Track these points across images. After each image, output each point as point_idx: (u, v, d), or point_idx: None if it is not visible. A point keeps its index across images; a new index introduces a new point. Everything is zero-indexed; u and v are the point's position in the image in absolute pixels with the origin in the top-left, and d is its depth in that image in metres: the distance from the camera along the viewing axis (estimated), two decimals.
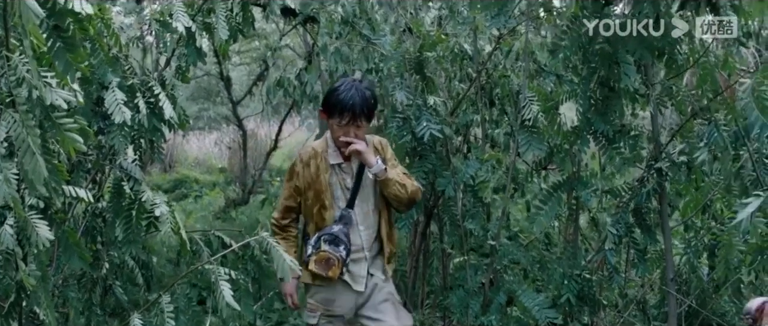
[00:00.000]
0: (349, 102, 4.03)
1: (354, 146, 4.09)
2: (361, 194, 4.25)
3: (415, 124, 5.04)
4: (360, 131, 4.11)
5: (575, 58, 4.83)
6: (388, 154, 4.32)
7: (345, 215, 4.21)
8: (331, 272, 4.12)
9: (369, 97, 4.10)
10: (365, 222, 4.26)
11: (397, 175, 4.17)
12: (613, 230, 4.91)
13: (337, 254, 4.12)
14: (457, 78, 5.56)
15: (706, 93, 4.82)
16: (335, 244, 4.15)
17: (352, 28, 5.62)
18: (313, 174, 4.24)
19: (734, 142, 4.83)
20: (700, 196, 5.19)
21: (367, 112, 4.10)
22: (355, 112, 4.04)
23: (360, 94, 4.06)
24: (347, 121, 4.05)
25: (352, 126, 4.07)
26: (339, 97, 4.07)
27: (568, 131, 4.92)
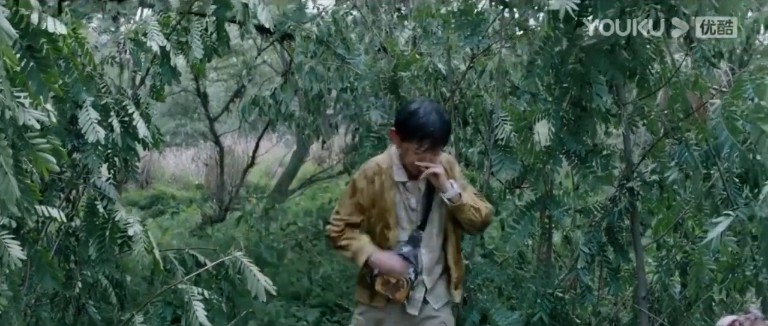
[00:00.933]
0: (431, 128, 3.86)
1: (432, 169, 3.94)
2: (431, 216, 4.13)
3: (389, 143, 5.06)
4: (436, 156, 3.98)
5: (548, 78, 4.87)
6: (456, 173, 4.17)
7: (415, 236, 4.08)
8: (399, 294, 4.03)
9: (448, 121, 3.99)
10: (428, 245, 4.12)
11: (471, 199, 4.04)
12: (586, 249, 4.95)
13: (406, 276, 4.00)
14: (431, 97, 5.59)
15: (677, 113, 4.88)
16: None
17: (327, 48, 5.65)
18: (378, 191, 4.09)
19: (705, 161, 4.88)
20: (672, 215, 5.24)
21: (446, 137, 4.01)
22: (435, 137, 3.90)
23: (440, 119, 3.90)
24: (427, 147, 3.90)
25: (429, 152, 3.93)
26: (419, 122, 3.88)
27: (541, 150, 4.97)
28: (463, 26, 4.97)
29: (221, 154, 14.11)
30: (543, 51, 4.76)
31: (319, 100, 6.05)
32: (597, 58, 4.75)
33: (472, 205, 4.00)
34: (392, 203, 4.07)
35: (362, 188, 4.11)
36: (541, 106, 4.99)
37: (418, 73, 5.42)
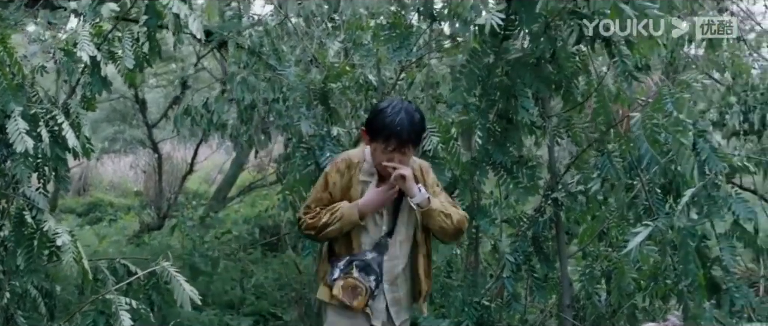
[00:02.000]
0: (397, 127, 3.68)
1: (399, 171, 3.73)
2: (399, 221, 3.92)
3: (319, 153, 5.11)
4: (405, 157, 3.77)
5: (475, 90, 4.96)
6: (430, 179, 3.98)
7: (382, 243, 3.87)
8: (357, 302, 3.79)
9: (418, 121, 3.77)
10: (391, 253, 3.89)
11: (441, 205, 3.83)
12: (512, 258, 5.06)
13: (367, 284, 3.78)
14: (362, 108, 5.65)
15: (600, 125, 5.00)
16: (366, 273, 3.80)
17: (259, 58, 5.68)
18: (346, 186, 3.88)
19: (628, 172, 5.03)
20: (597, 225, 5.36)
21: (414, 137, 3.78)
22: (402, 138, 3.70)
23: (409, 118, 3.71)
24: (393, 147, 3.72)
25: (397, 153, 3.74)
26: (385, 121, 3.70)
27: (468, 161, 5.06)
28: (392, 39, 5.04)
29: (159, 161, 14.04)
30: (470, 64, 4.85)
31: (252, 110, 6.08)
32: (523, 71, 4.87)
33: (442, 211, 3.79)
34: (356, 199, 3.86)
35: (335, 181, 3.89)
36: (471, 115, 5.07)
37: (349, 84, 5.47)
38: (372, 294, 3.81)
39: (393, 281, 3.91)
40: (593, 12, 4.72)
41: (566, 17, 4.88)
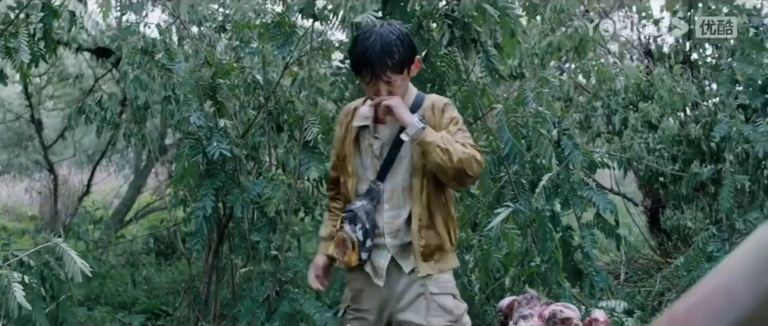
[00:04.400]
0: (366, 54, 3.28)
1: (385, 101, 3.32)
2: (397, 165, 3.44)
3: (206, 143, 5.38)
4: (392, 86, 3.34)
5: (352, 86, 5.34)
6: (445, 117, 3.43)
7: (373, 188, 3.43)
8: (347, 257, 3.40)
9: (393, 42, 3.30)
10: (391, 200, 3.44)
11: (440, 139, 3.26)
12: None
13: (354, 235, 3.37)
14: (250, 106, 5.95)
15: (468, 118, 5.43)
16: (353, 223, 3.39)
17: (151, 58, 5.94)
18: (342, 137, 3.59)
19: (498, 164, 5.46)
20: (467, 213, 5.75)
21: (392, 62, 3.29)
22: (374, 67, 3.28)
23: (381, 41, 3.27)
24: (370, 79, 3.32)
25: (380, 82, 3.31)
26: (357, 52, 3.34)
27: None
28: (276, 37, 5.38)
29: (55, 183, 13.99)
30: (347, 61, 5.23)
31: (145, 110, 6.32)
32: None
33: (438, 145, 3.22)
34: (351, 148, 3.52)
35: (337, 134, 3.66)
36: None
37: (238, 84, 5.78)
38: (362, 247, 3.39)
39: (395, 233, 3.44)
40: (462, 15, 5.17)
41: (438, 19, 5.32)
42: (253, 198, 5.45)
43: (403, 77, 3.38)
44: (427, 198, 3.40)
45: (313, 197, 5.90)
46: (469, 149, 3.29)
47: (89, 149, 17.72)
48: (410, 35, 3.52)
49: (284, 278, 5.44)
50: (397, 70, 3.32)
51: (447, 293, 3.48)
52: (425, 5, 5.27)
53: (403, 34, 3.39)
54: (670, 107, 6.58)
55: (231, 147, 5.38)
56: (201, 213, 5.28)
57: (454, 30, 5.26)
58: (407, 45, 3.37)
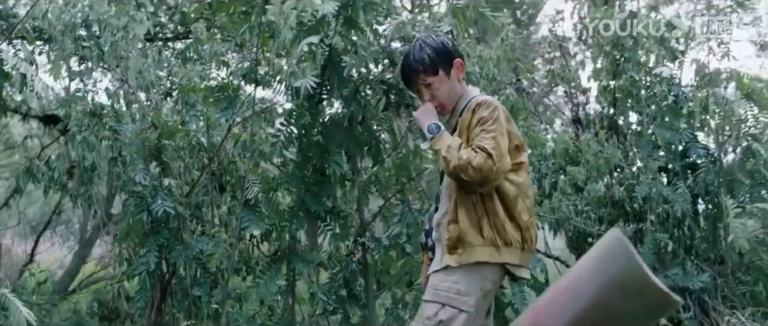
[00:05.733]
0: (402, 66, 3.74)
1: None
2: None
3: (151, 201, 5.58)
4: (433, 89, 3.62)
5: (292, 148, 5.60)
6: (476, 117, 3.45)
7: (437, 193, 3.75)
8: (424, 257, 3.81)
9: (422, 47, 3.65)
10: (440, 200, 3.67)
11: (446, 149, 3.42)
12: (324, 297, 5.62)
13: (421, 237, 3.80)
14: (194, 167, 6.16)
15: (402, 179, 5.72)
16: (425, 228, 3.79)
17: (99, 120, 6.14)
18: None
19: None
20: (402, 270, 6.00)
21: (423, 66, 3.61)
22: (404, 76, 3.74)
23: (412, 51, 3.67)
24: (410, 87, 3.79)
25: (420, 87, 3.66)
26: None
27: (285, 210, 5.65)
28: (219, 101, 5.64)
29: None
30: (288, 124, 5.51)
31: (93, 171, 6.48)
32: (336, 131, 5.54)
33: (444, 155, 3.42)
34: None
35: None
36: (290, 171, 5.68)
37: (182, 144, 6.00)
38: (425, 247, 3.76)
39: (437, 228, 3.65)
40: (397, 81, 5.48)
41: (374, 85, 5.63)
42: (196, 254, 5.64)
43: (440, 78, 3.61)
44: (455, 195, 3.52)
45: (254, 257, 6.08)
46: (469, 155, 3.33)
47: (33, 220, 17.63)
48: (446, 41, 3.76)
49: None
50: (431, 72, 3.60)
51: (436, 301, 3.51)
52: (362, 72, 5.57)
53: (434, 40, 3.69)
54: (596, 170, 6.91)
55: (175, 205, 5.60)
56: (145, 269, 5.46)
57: (390, 95, 5.56)
58: (439, 48, 3.65)
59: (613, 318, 1.77)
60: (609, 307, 1.76)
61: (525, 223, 3.52)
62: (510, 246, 3.51)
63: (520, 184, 3.53)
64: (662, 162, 6.69)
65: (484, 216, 3.49)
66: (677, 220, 6.50)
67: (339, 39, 5.20)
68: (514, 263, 3.53)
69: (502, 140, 3.37)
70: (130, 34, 6.14)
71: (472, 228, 3.49)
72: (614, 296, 1.74)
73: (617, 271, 1.73)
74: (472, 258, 3.48)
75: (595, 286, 1.76)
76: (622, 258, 1.73)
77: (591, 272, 1.80)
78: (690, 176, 6.72)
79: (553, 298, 1.86)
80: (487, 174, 3.32)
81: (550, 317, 1.81)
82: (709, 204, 6.65)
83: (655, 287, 1.72)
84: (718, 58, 6.85)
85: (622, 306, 1.75)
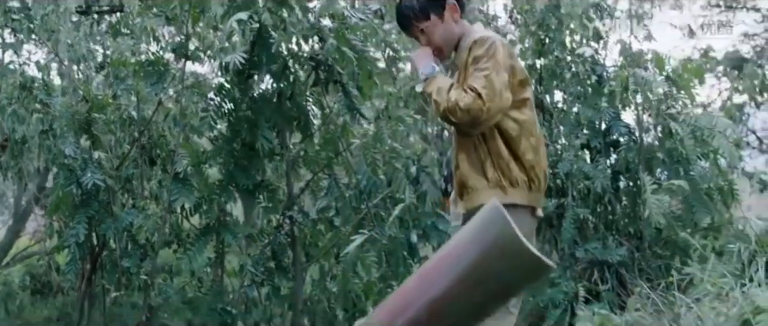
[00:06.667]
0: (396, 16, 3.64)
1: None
2: None
3: (80, 174, 5.62)
4: (427, 33, 3.50)
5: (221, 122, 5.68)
6: (472, 56, 3.32)
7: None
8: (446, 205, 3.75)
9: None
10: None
11: (436, 90, 3.32)
12: (252, 269, 5.73)
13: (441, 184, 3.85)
14: (125, 141, 6.21)
15: (329, 153, 5.84)
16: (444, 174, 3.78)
17: (29, 93, 6.15)
18: None
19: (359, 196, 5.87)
20: (329, 243, 6.13)
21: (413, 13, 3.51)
22: (401, 24, 3.63)
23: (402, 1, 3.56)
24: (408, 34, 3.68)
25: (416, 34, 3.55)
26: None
27: (214, 183, 5.74)
28: (150, 75, 5.69)
29: None
30: (218, 98, 5.60)
31: (23, 144, 6.48)
32: (265, 106, 5.65)
33: (432, 96, 3.34)
34: None
35: None
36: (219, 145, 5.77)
37: (113, 118, 6.05)
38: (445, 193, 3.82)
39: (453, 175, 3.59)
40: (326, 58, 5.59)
41: (303, 61, 5.74)
42: (126, 227, 5.71)
43: (433, 23, 3.47)
44: (457, 140, 3.48)
45: (185, 230, 6.14)
46: (458, 96, 3.23)
47: None
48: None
49: (155, 304, 5.67)
50: (422, 18, 3.46)
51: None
52: (291, 48, 5.67)
53: None
54: None
55: (105, 178, 5.65)
56: (74, 241, 5.52)
57: (319, 71, 5.67)
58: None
59: (493, 279, 1.92)
60: (488, 270, 1.90)
61: (529, 163, 3.42)
62: (516, 187, 3.41)
63: (523, 122, 3.40)
64: (585, 139, 6.86)
65: (487, 158, 3.41)
66: (598, 196, 6.70)
67: (268, 15, 5.28)
68: (523, 203, 3.43)
69: (496, 78, 3.24)
70: (61, 7, 6.16)
71: (473, 171, 3.42)
72: (492, 259, 1.89)
73: (494, 237, 1.88)
74: (477, 202, 3.36)
75: (475, 250, 1.91)
76: (499, 225, 1.88)
77: (472, 237, 1.94)
78: (612, 153, 6.92)
79: (440, 261, 2.01)
80: (477, 115, 3.21)
81: (437, 277, 1.95)
82: (630, 181, 6.86)
83: (528, 252, 1.86)
84: (640, 39, 7.08)
85: (500, 268, 1.90)
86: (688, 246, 5.88)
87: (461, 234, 2.01)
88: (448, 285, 1.93)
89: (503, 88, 3.24)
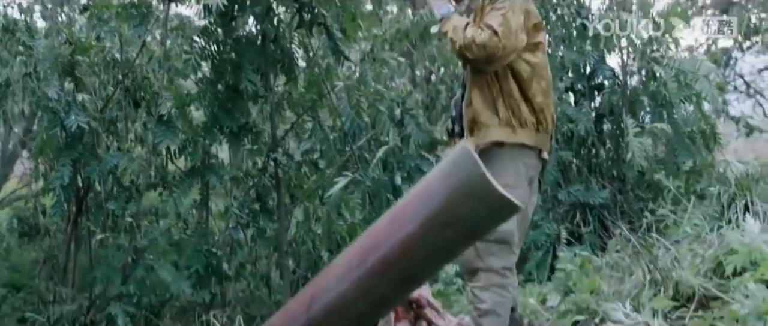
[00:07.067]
0: None
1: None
2: None
3: (64, 117, 5.61)
4: None
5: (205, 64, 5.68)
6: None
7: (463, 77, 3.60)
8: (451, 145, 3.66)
9: None
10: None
11: (452, 30, 3.37)
12: (237, 211, 5.77)
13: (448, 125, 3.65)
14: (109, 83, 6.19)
15: (312, 95, 5.85)
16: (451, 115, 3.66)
17: (12, 35, 6.12)
18: None
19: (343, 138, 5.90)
20: (314, 185, 6.17)
21: None
22: None
23: None
24: None
25: None
26: None
27: (198, 125, 5.75)
28: (133, 17, 5.67)
29: None
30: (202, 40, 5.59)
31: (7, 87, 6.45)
32: (249, 48, 5.64)
33: (449, 35, 3.38)
34: None
35: None
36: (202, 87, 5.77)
37: (96, 60, 6.03)
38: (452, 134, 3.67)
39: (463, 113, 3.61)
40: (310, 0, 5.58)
41: (287, 3, 5.72)
42: (111, 169, 5.71)
43: None
44: (470, 78, 3.47)
45: (170, 172, 6.15)
46: (474, 33, 3.25)
47: None
48: None
49: (140, 246, 5.70)
50: None
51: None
52: None
53: None
54: None
55: (89, 120, 5.65)
56: (59, 183, 5.53)
57: (303, 13, 5.66)
58: None
59: (461, 219, 1.95)
60: (456, 210, 1.93)
61: (539, 105, 3.44)
62: (525, 127, 3.43)
63: (535, 65, 3.42)
64: (569, 82, 6.87)
65: (499, 97, 3.43)
66: (581, 139, 6.73)
67: None
68: (530, 144, 3.44)
69: (512, 18, 3.26)
70: None
71: (486, 108, 3.45)
72: (460, 200, 1.92)
73: (462, 178, 1.91)
74: (488, 139, 3.42)
75: (443, 191, 1.93)
76: (468, 166, 1.90)
77: (441, 179, 1.97)
78: (596, 97, 6.94)
79: (410, 201, 2.04)
80: (493, 52, 3.24)
81: (407, 218, 1.98)
82: (613, 125, 6.88)
83: (495, 192, 1.89)
84: None
85: (468, 208, 1.93)
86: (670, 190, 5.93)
87: (431, 175, 2.04)
88: (418, 224, 1.96)
89: (519, 29, 3.26)
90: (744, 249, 3.01)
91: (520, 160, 3.45)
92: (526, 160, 3.44)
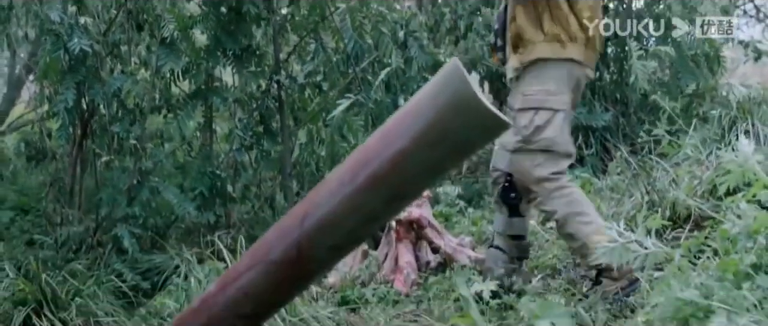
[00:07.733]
0: None
1: None
2: None
3: (67, 39, 5.62)
4: None
5: None
6: None
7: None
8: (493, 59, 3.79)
9: None
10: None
11: None
12: (241, 133, 5.81)
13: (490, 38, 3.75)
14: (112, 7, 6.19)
15: (315, 17, 5.84)
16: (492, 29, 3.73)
17: None
18: None
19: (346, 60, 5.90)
20: (317, 107, 6.19)
21: None
22: None
23: None
24: None
25: None
26: None
27: (201, 48, 5.75)
28: None
29: None
30: None
31: (10, 10, 6.46)
32: None
33: None
34: None
35: None
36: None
37: None
38: (495, 47, 3.65)
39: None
40: None
41: None
42: (115, 92, 5.74)
43: None
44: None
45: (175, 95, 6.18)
46: None
47: None
48: None
49: (145, 168, 5.75)
50: None
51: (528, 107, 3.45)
52: None
53: None
54: None
55: (92, 43, 5.65)
56: (63, 106, 5.56)
57: None
58: None
59: (450, 137, 1.97)
60: (445, 127, 1.95)
61: (587, 21, 3.41)
62: (575, 42, 3.40)
63: None
64: None
65: (545, 10, 3.38)
66: None
67: None
68: (580, 59, 3.43)
69: None
70: None
71: (530, 24, 3.40)
72: (449, 117, 1.94)
73: (451, 94, 1.93)
74: (533, 56, 3.42)
75: (432, 108, 1.95)
76: (457, 82, 1.92)
77: (430, 96, 1.99)
78: None
79: (399, 119, 2.07)
80: None
81: (397, 136, 2.01)
82: (617, 47, 6.88)
83: (485, 108, 1.91)
84: None
85: (457, 126, 1.95)
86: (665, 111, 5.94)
87: (421, 92, 2.06)
88: (408, 140, 1.98)
89: None
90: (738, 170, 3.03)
91: (565, 69, 3.44)
92: (572, 71, 3.45)
